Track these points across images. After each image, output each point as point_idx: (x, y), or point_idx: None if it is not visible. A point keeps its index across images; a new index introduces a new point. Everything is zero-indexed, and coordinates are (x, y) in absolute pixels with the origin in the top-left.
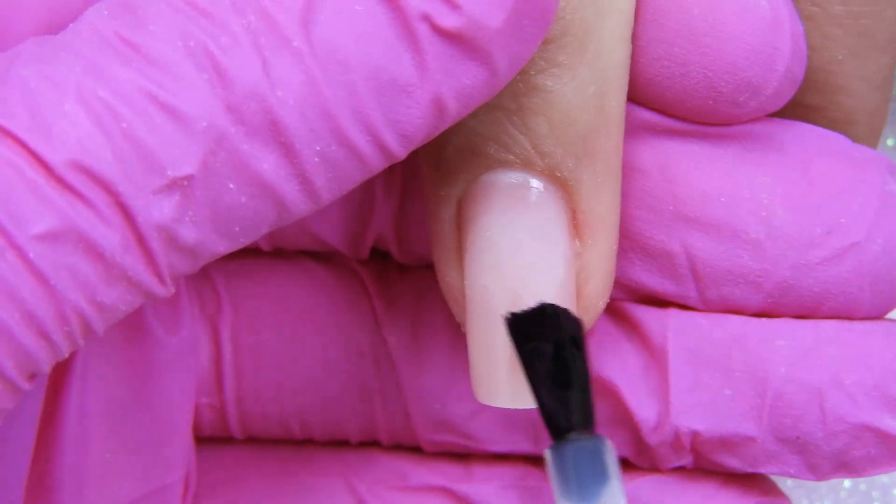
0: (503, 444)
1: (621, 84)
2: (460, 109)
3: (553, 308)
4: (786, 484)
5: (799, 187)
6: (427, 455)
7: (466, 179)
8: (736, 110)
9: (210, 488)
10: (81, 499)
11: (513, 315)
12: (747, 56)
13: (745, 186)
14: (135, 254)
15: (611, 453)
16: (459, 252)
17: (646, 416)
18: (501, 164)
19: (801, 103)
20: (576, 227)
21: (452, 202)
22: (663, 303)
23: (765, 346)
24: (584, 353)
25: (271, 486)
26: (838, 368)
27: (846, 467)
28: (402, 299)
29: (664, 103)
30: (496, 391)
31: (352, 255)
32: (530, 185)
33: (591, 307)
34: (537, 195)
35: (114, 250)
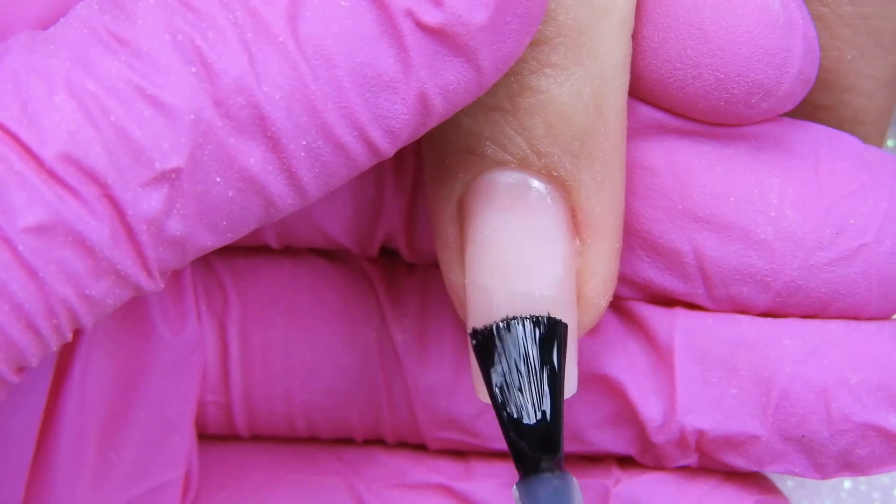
0: None
1: (620, 84)
2: (446, 107)
3: (522, 322)
4: (786, 484)
5: (809, 188)
6: (426, 453)
7: (465, 179)
8: (748, 112)
9: (209, 486)
10: (75, 495)
11: (475, 332)
12: (760, 58)
13: (754, 186)
14: (123, 247)
15: (576, 491)
16: (461, 251)
17: (652, 414)
18: (499, 164)
19: (809, 102)
20: (576, 226)
21: (453, 201)
22: (671, 302)
23: (771, 346)
24: (560, 376)
25: (271, 485)
26: (844, 368)
27: (851, 466)
28: (410, 297)
29: (676, 104)
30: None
31: (361, 253)
32: (528, 184)
33: (592, 306)
34: (535, 195)
35: (103, 243)
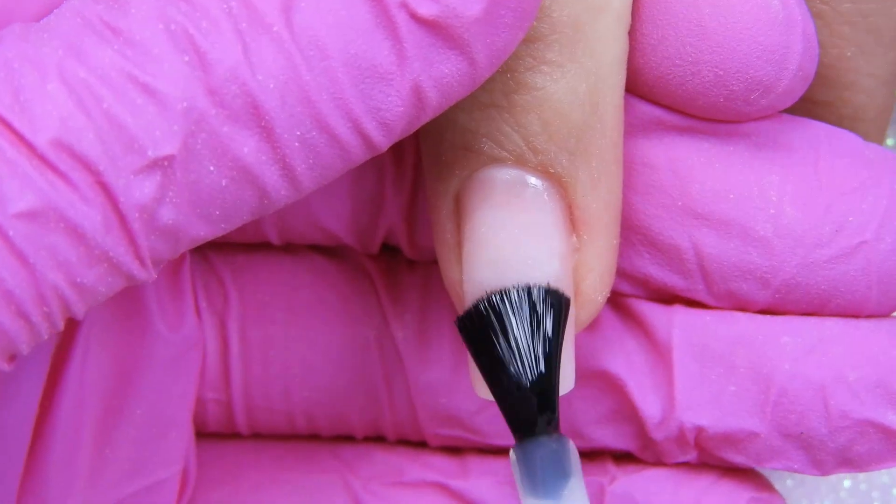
0: (509, 438)
1: (617, 81)
2: (440, 100)
3: (507, 294)
4: (786, 484)
5: (808, 185)
6: (423, 451)
7: (461, 176)
8: (747, 108)
9: (206, 484)
10: (70, 491)
11: (459, 317)
12: (759, 54)
13: (754, 184)
14: (116, 234)
15: (573, 452)
16: (459, 247)
17: (651, 411)
18: (495, 160)
19: (809, 99)
20: (572, 223)
21: (450, 197)
22: (671, 299)
23: (770, 343)
24: (555, 341)
25: (267, 483)
26: (843, 365)
27: (850, 463)
28: (410, 294)
29: (675, 101)
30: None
31: (362, 249)
32: (525, 181)
33: (589, 302)
34: (532, 192)
35: (95, 230)
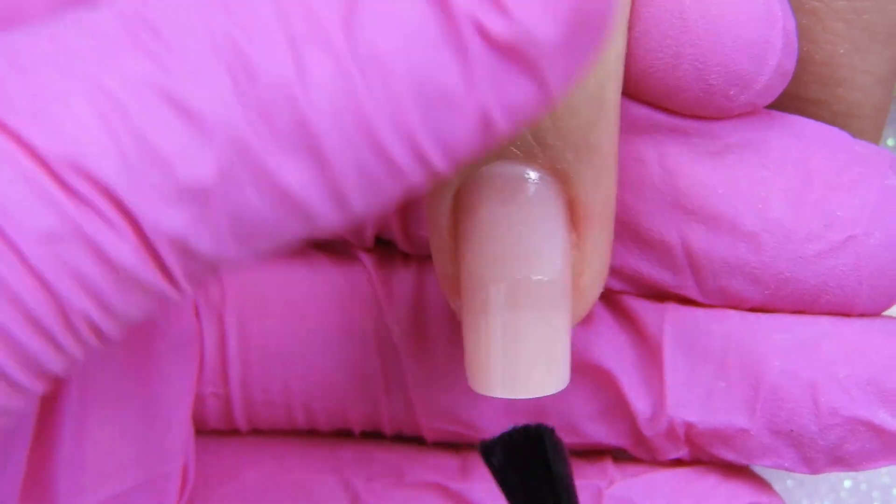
0: None
1: (619, 75)
2: (509, 126)
3: (536, 431)
4: (786, 484)
5: (797, 180)
6: (423, 451)
7: (466, 171)
8: (727, 103)
9: (206, 484)
10: (79, 486)
11: (484, 443)
12: (739, 49)
13: (743, 179)
14: (145, 261)
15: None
16: (455, 242)
17: (642, 407)
18: (503, 156)
19: (804, 97)
20: (573, 218)
21: (450, 193)
22: (663, 296)
23: (760, 340)
24: (568, 483)
25: (267, 482)
26: (833, 362)
27: (841, 461)
28: (406, 288)
29: (658, 95)
30: (491, 381)
31: (357, 242)
32: (529, 177)
33: (586, 297)
34: (536, 187)
35: (119, 255)
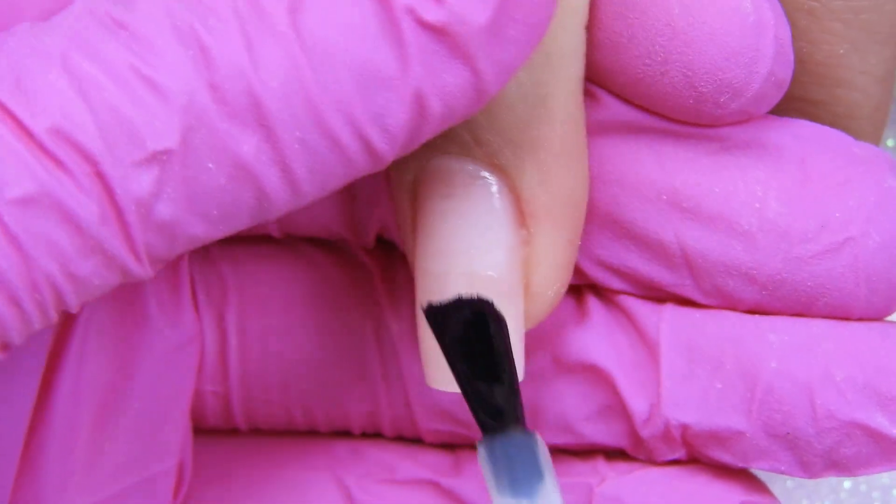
0: None
1: (569, 74)
2: (444, 111)
3: (473, 301)
4: (786, 484)
5: (795, 181)
6: (416, 448)
7: (415, 166)
8: (718, 111)
9: (200, 482)
10: (66, 485)
11: (430, 306)
12: (728, 57)
13: (739, 179)
14: (112, 226)
15: (542, 448)
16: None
17: (639, 408)
18: (443, 152)
19: (803, 98)
20: (521, 215)
21: (406, 187)
22: (662, 296)
23: (757, 342)
24: (506, 347)
25: (260, 480)
26: (830, 365)
27: (838, 466)
28: (406, 287)
29: (647, 101)
30: (441, 376)
31: (358, 242)
32: (473, 172)
33: (538, 296)
34: (479, 183)
35: (90, 220)
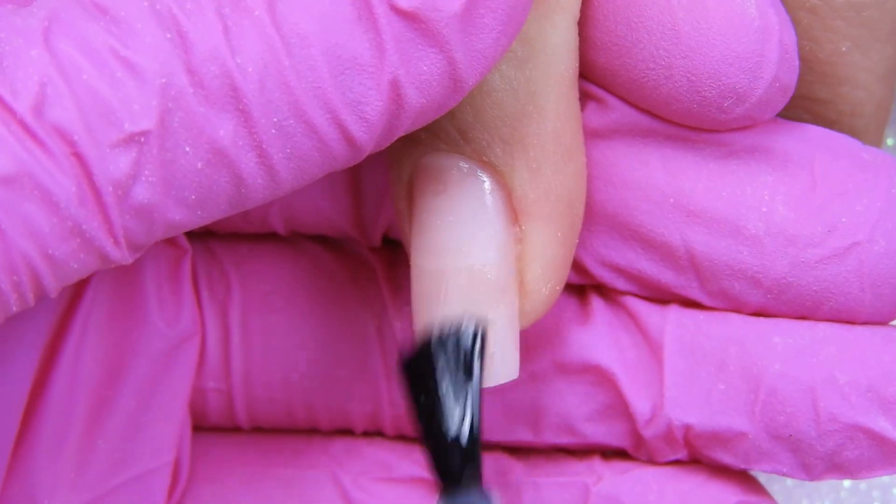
0: (502, 434)
1: (560, 70)
2: (420, 100)
3: (443, 340)
4: (786, 484)
5: (802, 185)
6: (411, 447)
7: (409, 164)
8: (722, 116)
9: (197, 479)
10: (58, 480)
11: (401, 359)
12: (731, 62)
13: (747, 183)
14: (89, 207)
15: None
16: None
17: (641, 408)
18: (434, 148)
19: (806, 96)
20: (513, 212)
21: (403, 184)
22: (668, 297)
23: (761, 344)
24: (475, 391)
25: (257, 478)
26: (833, 368)
27: (840, 468)
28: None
29: (651, 105)
30: None
31: (365, 241)
32: (464, 169)
33: (532, 293)
34: (471, 180)
35: (68, 201)
